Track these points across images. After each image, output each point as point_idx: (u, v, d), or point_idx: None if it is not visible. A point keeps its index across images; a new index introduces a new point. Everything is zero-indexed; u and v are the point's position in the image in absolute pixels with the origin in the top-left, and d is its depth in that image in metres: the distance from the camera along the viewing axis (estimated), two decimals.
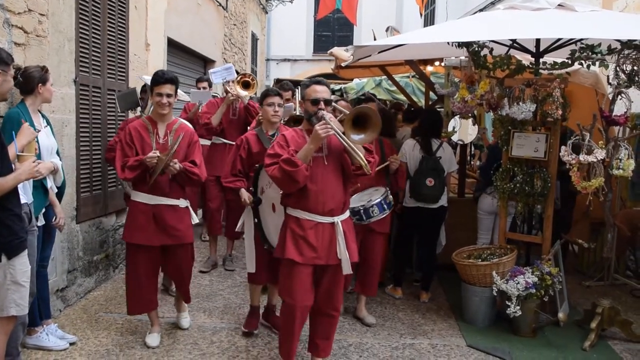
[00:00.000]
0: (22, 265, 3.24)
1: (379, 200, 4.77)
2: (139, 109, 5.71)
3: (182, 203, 4.44)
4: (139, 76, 6.56)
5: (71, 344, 4.41)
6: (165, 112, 4.32)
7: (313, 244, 3.67)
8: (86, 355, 4.26)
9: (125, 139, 4.29)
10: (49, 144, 4.15)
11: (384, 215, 4.84)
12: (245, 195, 4.49)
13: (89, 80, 5.54)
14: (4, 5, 4.18)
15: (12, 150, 3.33)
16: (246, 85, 6.46)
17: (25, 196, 3.70)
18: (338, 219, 3.75)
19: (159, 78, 4.27)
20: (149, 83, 4.51)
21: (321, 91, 3.74)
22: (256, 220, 4.47)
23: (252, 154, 4.62)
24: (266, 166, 3.70)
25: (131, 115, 6.09)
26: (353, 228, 3.98)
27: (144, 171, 4.20)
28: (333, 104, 4.07)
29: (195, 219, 4.56)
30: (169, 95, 4.27)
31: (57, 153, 4.33)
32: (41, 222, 4.12)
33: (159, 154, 4.10)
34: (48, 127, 4.23)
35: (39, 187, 3.99)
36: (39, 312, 4.38)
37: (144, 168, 4.18)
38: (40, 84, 4.02)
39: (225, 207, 6.70)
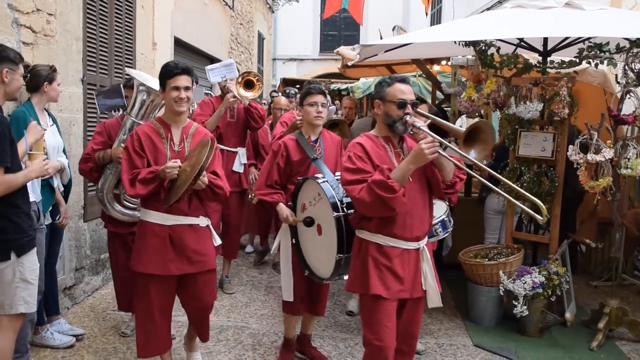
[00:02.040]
0: (31, 263, 3.25)
1: (442, 217, 4.33)
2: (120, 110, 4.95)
3: (203, 221, 3.67)
4: (126, 71, 5.98)
5: (79, 339, 4.46)
6: (184, 109, 3.56)
7: (399, 274, 3.11)
8: (93, 352, 4.28)
9: (134, 147, 3.51)
10: (56, 142, 4.17)
11: (445, 236, 4.48)
12: (285, 211, 3.89)
13: (96, 80, 5.57)
14: (12, 5, 4.21)
15: (22, 147, 3.35)
16: (249, 85, 5.72)
17: (34, 194, 3.73)
18: (423, 244, 3.23)
19: (174, 68, 3.52)
20: (138, 78, 4.07)
21: (408, 92, 3.15)
22: (294, 241, 3.93)
23: (291, 162, 4.03)
24: (346, 184, 3.07)
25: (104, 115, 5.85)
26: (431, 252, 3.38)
27: (158, 186, 3.46)
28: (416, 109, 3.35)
29: (218, 240, 3.80)
30: (187, 89, 3.52)
31: (64, 152, 4.36)
32: (48, 220, 4.15)
33: (180, 164, 3.42)
34: (54, 125, 4.26)
35: (46, 186, 4.03)
36: (49, 309, 4.43)
37: (159, 182, 3.44)
38: (46, 83, 4.04)
39: (221, 222, 5.91)
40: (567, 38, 5.23)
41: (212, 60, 10.52)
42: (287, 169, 4.03)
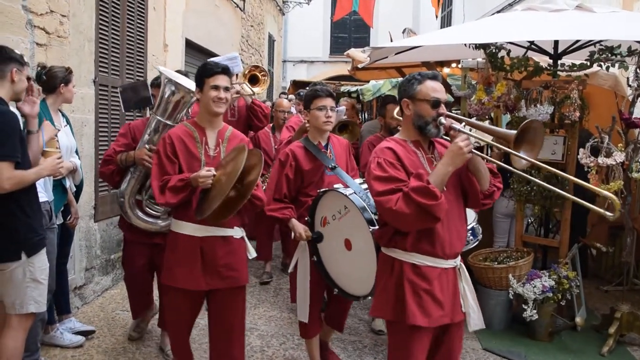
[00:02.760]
0: (41, 262, 3.27)
1: (472, 225, 4.14)
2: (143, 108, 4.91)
3: (238, 233, 3.36)
4: (155, 66, 5.86)
5: (88, 339, 4.49)
6: (222, 110, 3.30)
7: (439, 298, 2.72)
8: (103, 352, 4.31)
9: (166, 151, 3.24)
10: (69, 143, 4.21)
11: (474, 245, 4.26)
12: (299, 228, 3.58)
13: (108, 81, 5.61)
14: (27, 7, 4.26)
15: (33, 143, 3.37)
16: (254, 81, 5.46)
17: (47, 194, 3.76)
18: (460, 262, 2.88)
19: (214, 67, 3.29)
20: (167, 75, 3.77)
21: (440, 90, 2.80)
22: (315, 258, 3.61)
23: (302, 172, 3.70)
24: (378, 195, 2.65)
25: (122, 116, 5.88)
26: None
27: (190, 194, 3.19)
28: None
29: (253, 253, 3.48)
30: (226, 89, 3.28)
31: (76, 152, 4.39)
32: (60, 220, 4.18)
33: (215, 173, 3.12)
34: (68, 126, 4.30)
35: (58, 186, 4.05)
36: (60, 307, 4.47)
37: (190, 190, 3.17)
38: (62, 84, 4.09)
39: None
40: (578, 41, 5.21)
41: None
42: (297, 180, 3.71)
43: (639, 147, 4.64)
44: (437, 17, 15.52)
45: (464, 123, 2.74)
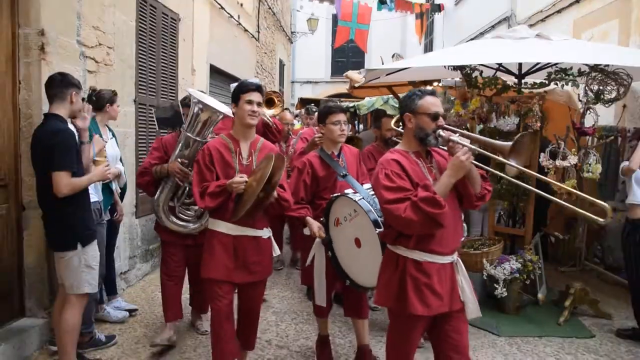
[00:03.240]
0: (93, 251, 3.36)
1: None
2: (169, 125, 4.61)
3: (266, 233, 3.32)
4: (185, 88, 5.71)
5: (132, 314, 4.57)
6: (255, 122, 3.19)
7: (438, 291, 2.62)
8: (144, 326, 4.38)
9: (204, 161, 3.17)
10: (114, 152, 4.29)
11: (462, 239, 4.05)
12: (315, 225, 3.48)
13: (146, 100, 5.69)
14: (80, 41, 4.36)
15: (86, 154, 3.46)
16: (270, 103, 5.47)
17: (97, 195, 3.85)
18: (457, 257, 2.76)
19: (249, 85, 3.20)
20: (195, 96, 3.70)
21: (439, 105, 2.69)
22: (330, 253, 3.52)
23: (317, 178, 3.64)
24: (387, 203, 2.53)
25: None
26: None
27: (226, 199, 3.13)
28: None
29: (277, 251, 3.44)
30: (259, 104, 3.19)
31: (120, 160, 4.47)
32: (108, 217, 4.26)
33: (246, 179, 3.06)
34: (113, 138, 4.37)
35: (106, 188, 4.13)
36: (109, 290, 4.55)
37: (226, 195, 3.11)
38: (108, 104, 4.17)
39: None
40: (538, 63, 5.26)
41: None
42: (313, 185, 3.64)
43: (589, 152, 4.70)
44: (420, 43, 15.57)
45: (458, 134, 2.61)
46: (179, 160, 3.75)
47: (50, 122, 3.19)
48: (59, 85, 3.24)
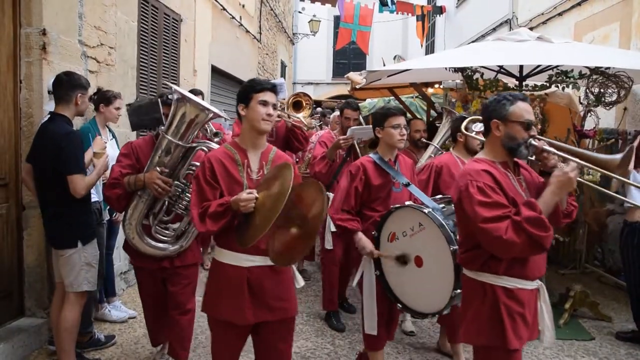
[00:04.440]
0: (93, 249, 3.36)
1: None
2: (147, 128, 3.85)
3: None
4: (165, 84, 4.94)
5: (131, 318, 4.53)
6: (270, 128, 2.61)
7: (529, 320, 2.34)
8: (144, 326, 4.28)
9: (205, 175, 2.54)
10: (114, 153, 4.23)
11: None
12: (368, 244, 3.12)
13: None
14: (82, 41, 4.34)
15: (88, 156, 3.46)
16: (297, 106, 4.93)
17: (97, 195, 3.83)
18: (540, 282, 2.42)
19: (263, 82, 2.62)
20: (180, 92, 3.03)
21: (531, 111, 2.37)
22: (378, 272, 3.16)
23: (370, 187, 3.24)
24: (485, 222, 2.16)
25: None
26: None
27: (232, 220, 2.49)
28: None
29: (301, 282, 2.77)
30: (274, 107, 2.61)
31: None
32: (107, 217, 4.24)
33: (257, 195, 2.41)
34: (113, 139, 4.35)
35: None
36: (107, 291, 4.52)
37: (232, 216, 2.47)
38: (102, 104, 4.07)
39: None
40: (539, 66, 5.25)
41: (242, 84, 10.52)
42: (365, 193, 3.25)
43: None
44: (422, 45, 15.56)
45: (552, 148, 2.33)
46: (157, 169, 3.06)
47: (58, 122, 3.20)
48: (65, 87, 3.24)
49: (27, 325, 3.82)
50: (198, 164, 2.93)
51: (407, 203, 3.07)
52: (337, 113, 6.03)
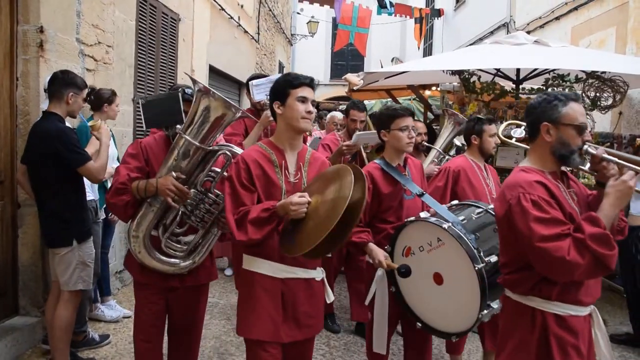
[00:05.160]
0: (88, 249, 3.35)
1: None
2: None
3: (319, 274, 2.47)
4: (186, 73, 4.69)
5: (125, 317, 4.50)
6: (310, 128, 2.43)
7: (583, 352, 2.06)
8: None
9: (240, 177, 2.30)
10: (111, 152, 4.22)
11: None
12: (379, 254, 2.78)
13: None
14: (79, 39, 4.32)
15: (89, 151, 3.45)
16: None
17: (93, 193, 3.83)
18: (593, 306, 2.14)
19: (301, 77, 2.37)
20: (205, 86, 2.57)
21: (584, 113, 2.14)
22: (393, 289, 2.89)
23: (380, 196, 2.95)
24: (544, 240, 1.90)
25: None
26: None
27: (276, 227, 2.26)
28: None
29: (331, 296, 2.55)
30: (313, 103, 2.42)
31: (117, 159, 4.43)
32: (103, 216, 4.23)
33: (309, 199, 2.20)
34: (111, 138, 4.34)
35: (101, 187, 4.09)
36: (102, 290, 4.50)
37: (277, 222, 2.24)
38: (106, 104, 4.13)
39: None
40: (536, 69, 5.27)
41: (240, 84, 10.51)
42: (374, 204, 2.96)
43: (585, 158, 4.69)
44: (419, 48, 15.60)
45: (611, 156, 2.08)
46: (173, 174, 2.59)
47: (49, 121, 3.19)
48: (58, 84, 3.24)
49: (21, 324, 3.79)
50: (218, 170, 2.61)
51: (422, 215, 2.80)
52: (335, 114, 5.93)
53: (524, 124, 2.38)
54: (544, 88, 4.87)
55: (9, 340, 3.58)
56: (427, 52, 17.16)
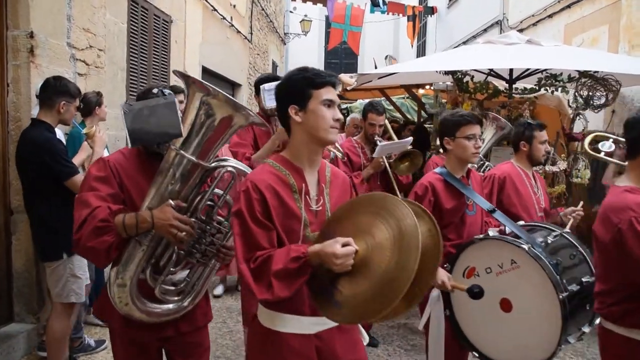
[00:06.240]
0: (79, 260, 3.32)
1: None
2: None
3: None
4: (176, 71, 3.95)
5: None
6: (337, 139, 2.01)
7: None
8: None
9: (254, 212, 1.73)
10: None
11: None
12: (443, 274, 2.42)
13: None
14: (70, 44, 4.30)
15: (79, 158, 3.43)
16: None
17: None
18: None
19: (325, 76, 1.84)
20: (196, 80, 1.96)
21: None
22: (447, 312, 2.66)
23: (442, 210, 2.66)
24: None
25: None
26: None
27: (306, 279, 1.70)
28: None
29: (366, 337, 2.05)
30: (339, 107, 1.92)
31: None
32: None
33: (356, 247, 1.62)
34: (106, 145, 4.32)
35: None
36: (97, 295, 4.48)
37: (310, 274, 1.69)
38: (96, 107, 4.12)
39: None
40: (529, 69, 5.29)
41: (234, 85, 10.48)
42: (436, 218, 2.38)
43: (578, 157, 4.73)
44: (412, 46, 15.62)
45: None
46: (170, 203, 1.98)
47: (37, 129, 3.17)
48: (50, 92, 3.22)
49: (16, 330, 3.78)
50: (220, 192, 2.07)
51: (492, 234, 2.54)
52: (355, 116, 5.60)
53: (612, 136, 2.26)
54: (537, 88, 4.88)
55: (4, 348, 3.57)
56: (421, 49, 17.17)
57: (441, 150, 3.38)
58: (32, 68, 3.79)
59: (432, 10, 15.50)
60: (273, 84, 3.23)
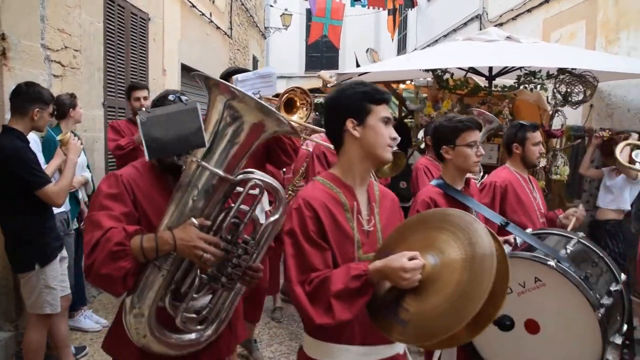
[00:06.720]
0: (53, 271, 3.24)
1: None
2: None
3: (401, 346, 1.84)
4: (196, 74, 2.20)
5: (105, 326, 4.45)
6: (391, 158, 1.82)
7: None
8: None
9: (307, 231, 1.66)
10: (81, 160, 4.15)
11: None
12: None
13: (115, 103, 5.57)
14: (45, 45, 4.22)
15: (52, 167, 3.36)
16: (289, 106, 3.41)
17: (64, 205, 3.74)
18: None
19: (383, 93, 1.78)
20: (221, 83, 1.78)
21: None
22: None
23: None
24: None
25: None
26: None
27: (365, 299, 1.60)
28: None
29: None
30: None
31: (88, 167, 4.35)
32: (76, 225, 4.16)
33: (423, 261, 1.54)
34: (82, 151, 4.25)
35: (73, 198, 4.01)
36: (76, 300, 4.42)
37: (370, 292, 1.59)
38: (70, 109, 4.04)
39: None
40: (507, 66, 5.34)
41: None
42: None
43: (557, 154, 4.78)
44: (392, 39, 15.63)
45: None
46: (194, 222, 1.76)
47: (7, 138, 3.07)
48: (22, 98, 3.13)
49: None
50: (246, 208, 1.83)
51: (506, 250, 2.27)
52: None
53: None
54: (517, 85, 4.92)
55: None
56: (401, 43, 17.20)
57: (427, 152, 3.16)
58: (5, 71, 3.71)
59: (412, 3, 15.47)
60: (246, 74, 3.11)
